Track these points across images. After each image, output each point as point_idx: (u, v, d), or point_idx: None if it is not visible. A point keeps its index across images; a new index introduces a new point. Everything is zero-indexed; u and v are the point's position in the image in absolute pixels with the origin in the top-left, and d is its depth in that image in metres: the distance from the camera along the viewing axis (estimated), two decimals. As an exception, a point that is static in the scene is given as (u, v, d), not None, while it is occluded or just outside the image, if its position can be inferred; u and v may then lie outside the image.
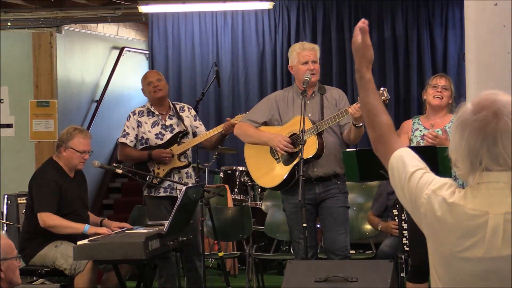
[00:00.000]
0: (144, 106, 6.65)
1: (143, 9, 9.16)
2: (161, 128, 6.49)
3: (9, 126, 10.06)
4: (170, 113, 6.53)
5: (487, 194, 2.24)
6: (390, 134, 2.51)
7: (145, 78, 6.65)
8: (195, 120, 6.57)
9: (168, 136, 6.47)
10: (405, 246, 5.66)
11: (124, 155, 6.56)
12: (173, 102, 6.67)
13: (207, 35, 9.90)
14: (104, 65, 11.36)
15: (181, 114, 6.53)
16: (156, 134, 6.47)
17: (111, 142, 11.66)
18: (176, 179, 6.40)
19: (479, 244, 2.22)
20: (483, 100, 2.26)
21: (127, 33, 11.89)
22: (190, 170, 6.55)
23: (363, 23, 2.59)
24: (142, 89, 6.68)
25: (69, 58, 10.49)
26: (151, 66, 9.99)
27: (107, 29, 11.34)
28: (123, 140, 6.51)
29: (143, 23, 11.24)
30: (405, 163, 2.40)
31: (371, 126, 2.53)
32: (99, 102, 11.05)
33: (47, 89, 10.02)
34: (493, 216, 2.22)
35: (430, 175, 2.36)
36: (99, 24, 11.00)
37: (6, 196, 8.27)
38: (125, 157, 6.62)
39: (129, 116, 6.61)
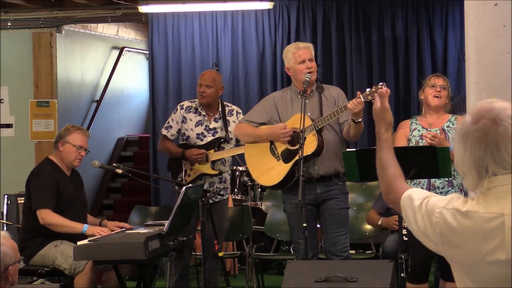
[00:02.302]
0: (194, 101, 6.62)
1: (143, 9, 9.16)
2: (204, 129, 6.49)
3: (9, 126, 10.06)
4: (217, 116, 6.52)
5: (498, 197, 2.27)
6: (397, 182, 2.62)
7: (200, 77, 6.64)
8: None
9: (209, 138, 6.47)
10: (404, 237, 5.64)
11: (162, 147, 6.65)
12: (225, 103, 6.64)
13: (207, 35, 9.90)
14: (104, 65, 11.37)
15: (228, 117, 6.50)
16: (197, 134, 6.48)
17: (111, 142, 11.67)
18: (207, 183, 6.39)
19: (500, 247, 2.24)
20: (481, 109, 2.31)
21: (127, 33, 11.89)
22: (225, 175, 6.55)
23: (385, 91, 2.87)
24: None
25: (69, 58, 10.49)
26: (151, 66, 9.99)
27: (107, 29, 11.34)
28: (164, 132, 6.58)
29: (143, 23, 11.23)
30: (412, 199, 2.47)
31: (381, 179, 2.71)
32: (99, 102, 11.05)
33: (47, 89, 10.02)
34: (508, 216, 2.24)
35: (436, 197, 2.42)
36: (99, 24, 10.99)
37: (6, 196, 8.27)
38: (162, 149, 6.72)
39: (176, 109, 6.62)
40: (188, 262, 6.55)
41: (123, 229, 5.83)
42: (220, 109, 6.53)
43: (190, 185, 6.01)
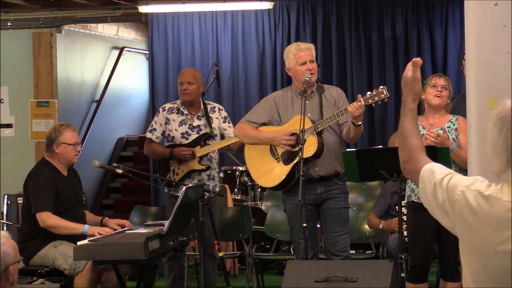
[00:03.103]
0: (175, 102, 6.67)
1: (143, 9, 9.16)
2: (188, 128, 6.51)
3: (9, 126, 10.06)
4: (199, 114, 6.55)
5: None
6: (418, 153, 2.61)
7: (179, 76, 6.67)
8: (224, 122, 6.56)
9: (194, 136, 6.49)
10: (405, 239, 5.64)
11: (148, 150, 6.67)
12: (206, 101, 6.66)
13: (207, 35, 9.90)
14: (104, 65, 11.36)
15: (211, 115, 6.53)
16: (182, 133, 6.50)
17: (111, 142, 11.67)
18: (196, 181, 6.41)
19: None
20: None
21: (127, 33, 11.89)
22: (213, 172, 6.56)
23: (419, 60, 2.86)
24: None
25: (69, 58, 10.49)
26: (151, 66, 9.99)
27: (107, 29, 11.34)
28: (149, 135, 6.60)
29: (143, 23, 11.23)
30: (434, 172, 2.47)
31: (402, 147, 2.67)
32: (99, 102, 11.05)
33: (47, 89, 10.02)
34: None
35: (460, 176, 2.42)
36: (99, 24, 10.99)
37: (6, 196, 8.27)
38: (149, 152, 6.74)
39: (159, 112, 6.66)
40: (183, 262, 6.55)
41: (123, 228, 5.83)
42: (202, 106, 6.55)
43: (190, 185, 6.02)
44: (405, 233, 5.80)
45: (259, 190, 8.44)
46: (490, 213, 2.27)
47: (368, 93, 5.46)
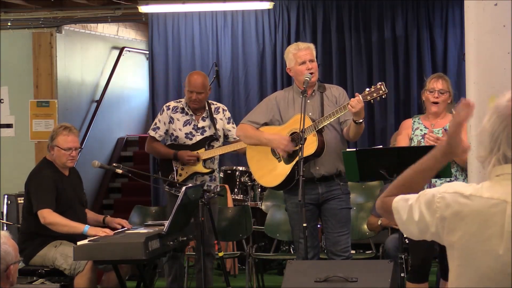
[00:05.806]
0: (180, 101, 6.61)
1: (143, 9, 9.16)
2: (193, 129, 6.48)
3: (9, 126, 10.06)
4: (204, 115, 6.51)
5: (506, 184, 2.26)
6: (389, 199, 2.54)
7: (189, 83, 6.51)
8: (228, 123, 6.54)
9: (198, 137, 6.47)
10: (406, 240, 5.65)
11: (151, 148, 6.62)
12: (210, 101, 6.63)
13: (207, 35, 9.90)
14: (104, 65, 11.36)
15: (215, 115, 6.50)
16: (186, 134, 6.47)
17: (111, 142, 11.67)
18: (199, 182, 6.40)
19: (498, 235, 2.23)
20: None
21: (127, 33, 11.89)
22: (215, 173, 6.55)
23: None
24: (185, 84, 6.61)
25: (69, 58, 10.49)
26: (151, 66, 9.99)
27: (107, 29, 11.34)
28: (152, 133, 6.55)
29: (143, 23, 11.23)
30: (406, 199, 2.44)
31: (397, 188, 2.52)
32: (99, 102, 11.05)
33: (47, 89, 10.02)
34: (510, 204, 2.23)
35: (432, 188, 2.40)
36: (99, 24, 11.00)
37: (6, 196, 8.28)
38: (151, 151, 6.70)
39: (163, 110, 6.59)
40: (183, 262, 6.55)
41: (123, 228, 5.83)
42: (207, 107, 6.53)
43: (190, 185, 6.02)
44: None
45: (259, 190, 8.44)
46: (472, 210, 2.28)
47: (367, 89, 5.46)
